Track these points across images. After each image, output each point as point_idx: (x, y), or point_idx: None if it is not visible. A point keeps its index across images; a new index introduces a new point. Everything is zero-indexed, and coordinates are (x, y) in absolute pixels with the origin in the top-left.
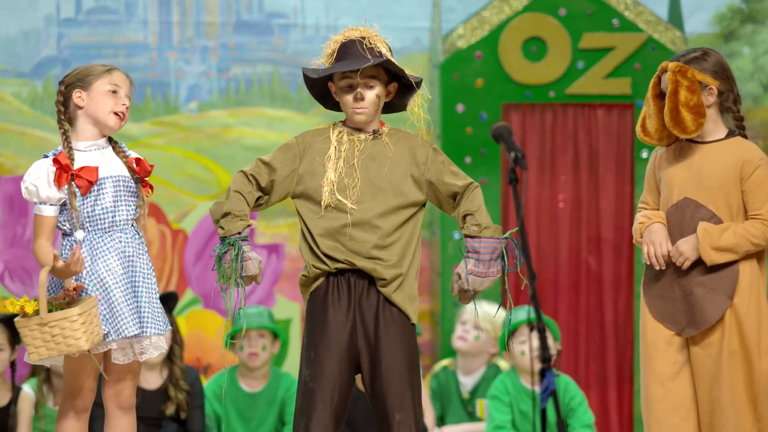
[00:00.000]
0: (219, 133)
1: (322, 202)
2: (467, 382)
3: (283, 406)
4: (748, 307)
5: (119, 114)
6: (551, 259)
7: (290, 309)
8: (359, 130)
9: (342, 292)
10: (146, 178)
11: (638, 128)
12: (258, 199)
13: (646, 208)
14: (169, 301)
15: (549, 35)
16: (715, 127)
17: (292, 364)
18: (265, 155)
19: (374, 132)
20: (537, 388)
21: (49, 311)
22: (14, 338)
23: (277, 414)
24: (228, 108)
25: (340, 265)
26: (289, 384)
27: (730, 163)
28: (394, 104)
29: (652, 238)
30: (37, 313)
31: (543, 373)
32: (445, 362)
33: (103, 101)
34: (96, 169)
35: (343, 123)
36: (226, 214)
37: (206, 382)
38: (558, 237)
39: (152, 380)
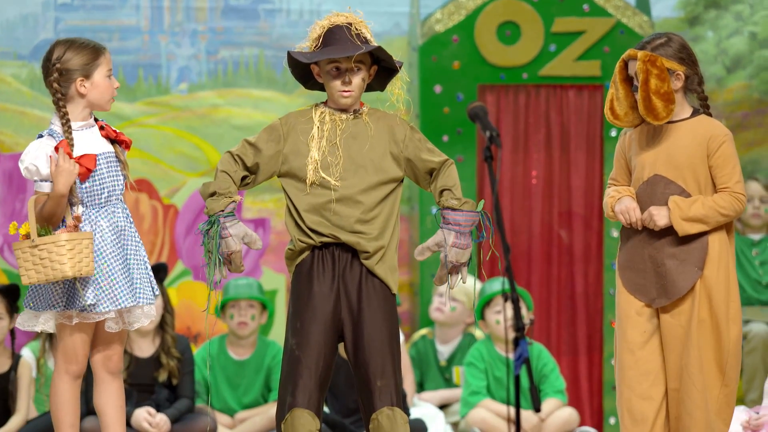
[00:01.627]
0: (208, 113)
1: (307, 180)
2: (444, 350)
3: (269, 373)
4: (717, 277)
5: (114, 96)
6: (524, 233)
7: (276, 280)
8: (341, 110)
9: (326, 264)
10: (119, 140)
11: (607, 111)
12: (244, 178)
13: (615, 185)
14: (159, 272)
15: (522, 20)
16: (681, 107)
17: (278, 333)
18: (251, 136)
19: (355, 112)
20: (511, 356)
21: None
22: (12, 307)
23: (264, 380)
24: (216, 89)
25: (325, 239)
26: (275, 352)
27: (696, 141)
28: (371, 86)
29: (625, 205)
30: (30, 235)
31: (517, 342)
32: (423, 331)
33: (105, 89)
34: (95, 157)
35: (325, 104)
36: (212, 194)
37: (196, 350)
38: (531, 212)
39: (145, 348)
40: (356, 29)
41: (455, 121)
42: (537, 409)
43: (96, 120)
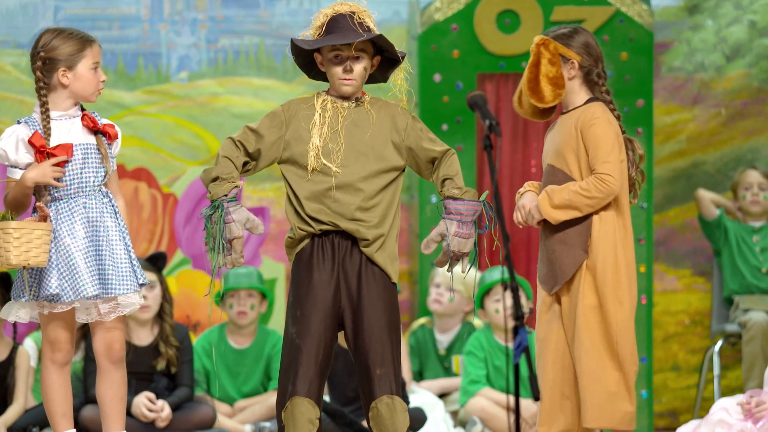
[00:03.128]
0: (208, 102)
1: (308, 167)
2: (443, 339)
3: (269, 361)
4: (603, 258)
5: (100, 90)
6: None
7: (275, 269)
8: (343, 98)
9: (326, 252)
10: (103, 131)
11: (514, 99)
12: (245, 164)
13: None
14: (157, 261)
15: (522, 8)
16: (577, 96)
17: (277, 322)
18: (253, 123)
19: (357, 100)
20: (510, 345)
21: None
22: (5, 296)
23: (264, 369)
24: (216, 77)
25: (324, 227)
26: (275, 341)
27: (572, 127)
28: (374, 76)
29: (521, 203)
30: None
31: (516, 330)
32: (422, 320)
33: (89, 82)
34: (71, 146)
35: (327, 92)
36: (214, 179)
37: (196, 339)
38: None
39: (143, 337)
40: (359, 18)
41: (455, 110)
42: (536, 398)
43: (82, 109)
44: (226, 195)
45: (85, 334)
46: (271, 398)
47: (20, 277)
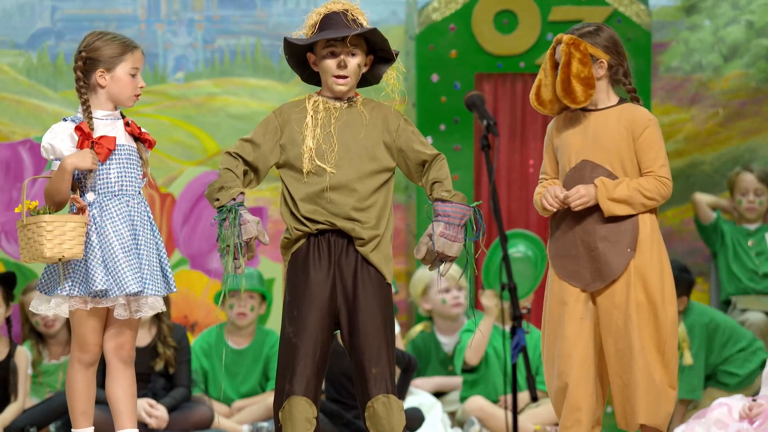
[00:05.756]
0: (204, 102)
1: (304, 169)
2: (448, 342)
3: (267, 362)
4: (650, 258)
5: (137, 95)
6: (521, 222)
7: (273, 269)
8: (335, 98)
9: (322, 252)
10: (143, 138)
11: (532, 96)
12: (246, 173)
13: (546, 179)
14: None
15: (519, 8)
16: (607, 96)
17: (275, 322)
18: (246, 135)
19: (349, 100)
20: (506, 328)
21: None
22: (8, 294)
23: (262, 369)
24: (213, 78)
25: (321, 226)
26: (273, 341)
27: (621, 126)
28: (366, 78)
29: (549, 190)
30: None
31: (514, 330)
32: (419, 327)
33: (125, 86)
34: (114, 138)
35: (319, 93)
36: (220, 189)
37: (194, 339)
38: (528, 200)
39: (141, 337)
40: (352, 15)
41: (452, 110)
42: (534, 398)
43: (123, 116)
44: (234, 199)
45: None
46: (269, 398)
47: (51, 271)
